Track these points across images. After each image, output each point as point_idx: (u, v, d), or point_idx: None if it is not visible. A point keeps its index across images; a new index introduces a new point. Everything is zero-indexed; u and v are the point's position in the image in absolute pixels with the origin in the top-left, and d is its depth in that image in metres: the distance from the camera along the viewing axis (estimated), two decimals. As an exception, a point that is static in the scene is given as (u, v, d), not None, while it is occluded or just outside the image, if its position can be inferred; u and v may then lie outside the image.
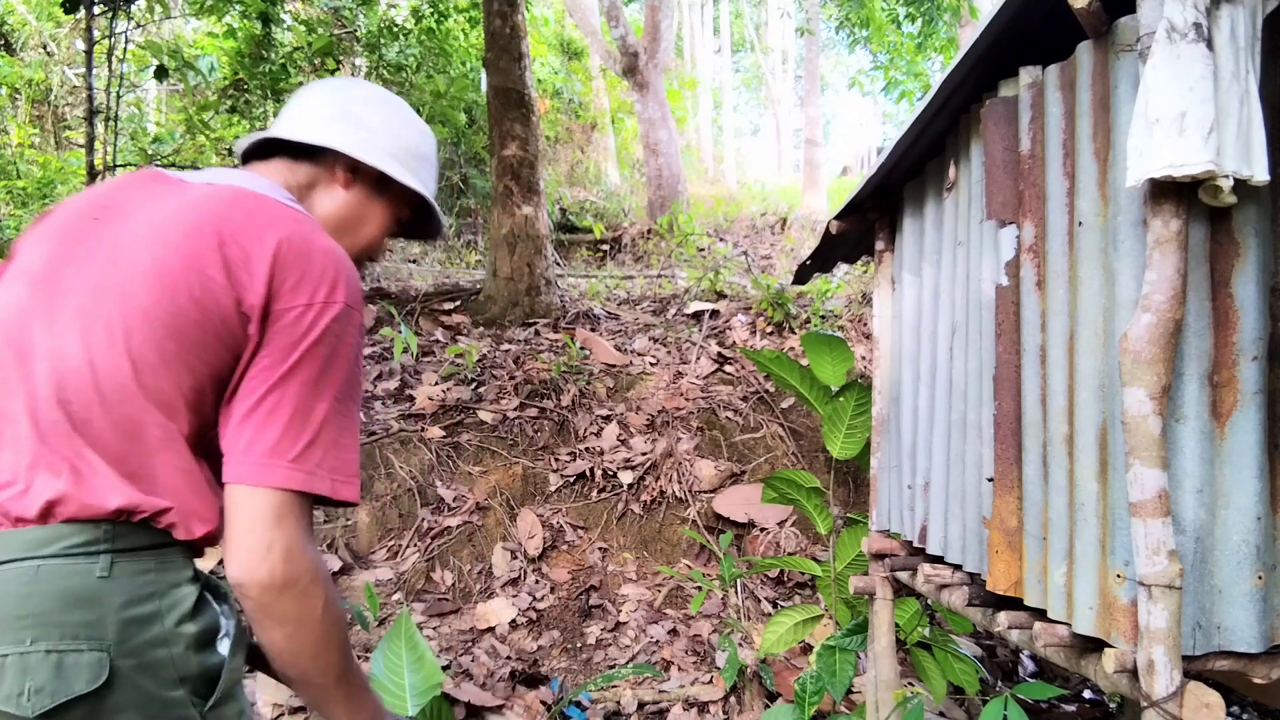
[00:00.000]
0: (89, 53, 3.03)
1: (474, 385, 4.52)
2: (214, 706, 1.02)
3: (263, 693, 2.71)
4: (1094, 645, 1.37)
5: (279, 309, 1.02)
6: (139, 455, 0.99)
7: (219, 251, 1.02)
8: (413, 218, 1.38)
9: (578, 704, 2.84)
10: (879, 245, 2.35)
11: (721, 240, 9.01)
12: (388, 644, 2.34)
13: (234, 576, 0.99)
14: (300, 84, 6.93)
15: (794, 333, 5.28)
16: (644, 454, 4.11)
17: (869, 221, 2.36)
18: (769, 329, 5.33)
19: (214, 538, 1.06)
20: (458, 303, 5.68)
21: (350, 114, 1.25)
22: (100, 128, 3.98)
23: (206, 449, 1.06)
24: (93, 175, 2.94)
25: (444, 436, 4.12)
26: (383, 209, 1.31)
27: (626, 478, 3.99)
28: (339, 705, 1.09)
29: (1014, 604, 1.60)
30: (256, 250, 1.02)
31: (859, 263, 3.87)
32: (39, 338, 1.00)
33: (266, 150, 1.26)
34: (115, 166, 3.43)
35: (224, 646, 1.05)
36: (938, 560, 1.94)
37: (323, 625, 1.04)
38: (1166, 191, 1.18)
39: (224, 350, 1.02)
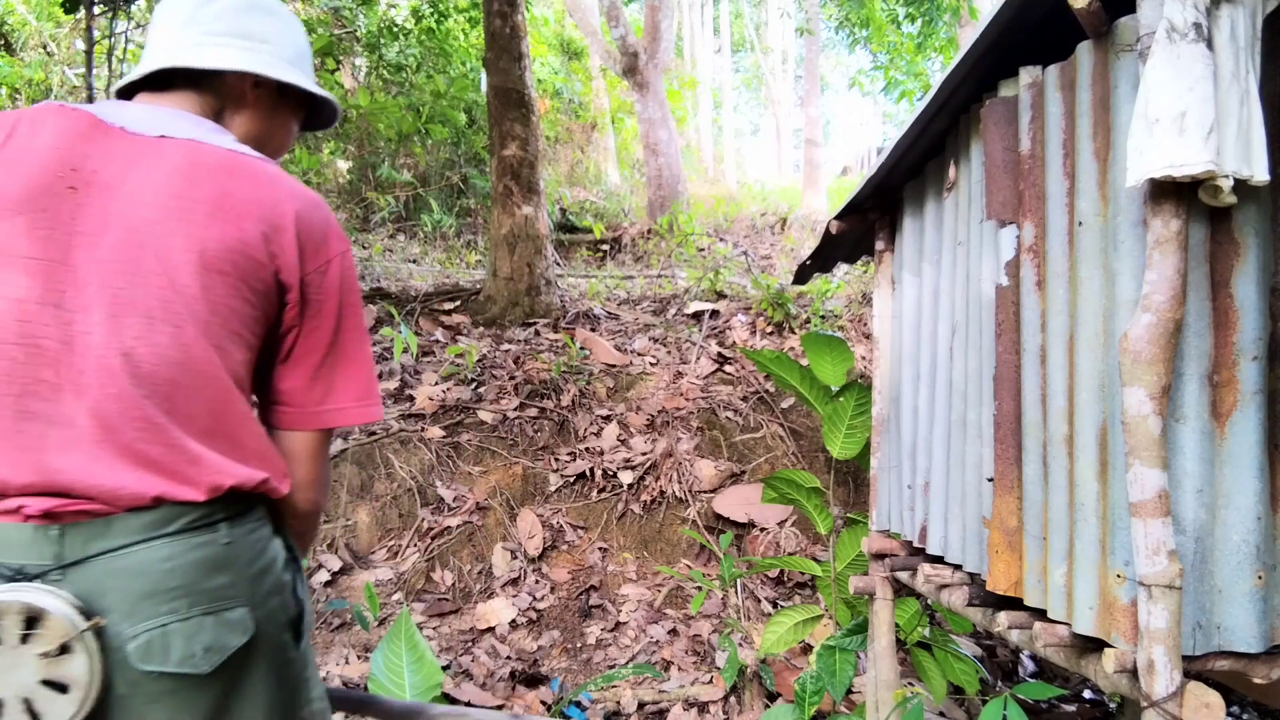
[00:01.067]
0: (89, 53, 3.03)
1: (474, 385, 4.52)
2: (303, 647, 1.16)
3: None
4: (1094, 645, 1.37)
5: (309, 273, 1.12)
6: (230, 431, 1.06)
7: (255, 230, 1.07)
8: (308, 113, 1.40)
9: (578, 704, 2.84)
10: (879, 245, 2.35)
11: (721, 240, 9.01)
12: (388, 644, 2.34)
13: (304, 508, 1.19)
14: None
15: (794, 333, 5.28)
16: (644, 454, 4.11)
17: (869, 221, 2.36)
18: (769, 329, 5.33)
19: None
20: (458, 303, 5.67)
21: (240, 29, 1.22)
22: (100, 128, 3.96)
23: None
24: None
25: (444, 436, 4.12)
26: (287, 115, 1.32)
27: (626, 478, 3.99)
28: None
29: (1014, 604, 1.60)
30: (283, 223, 1.09)
31: (859, 263, 3.87)
32: (80, 331, 0.99)
33: (157, 79, 1.21)
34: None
35: (301, 589, 1.18)
36: (938, 560, 1.94)
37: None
38: (1166, 191, 1.18)
39: (270, 320, 1.11)
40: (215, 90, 1.21)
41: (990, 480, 1.61)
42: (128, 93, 1.22)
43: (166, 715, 0.98)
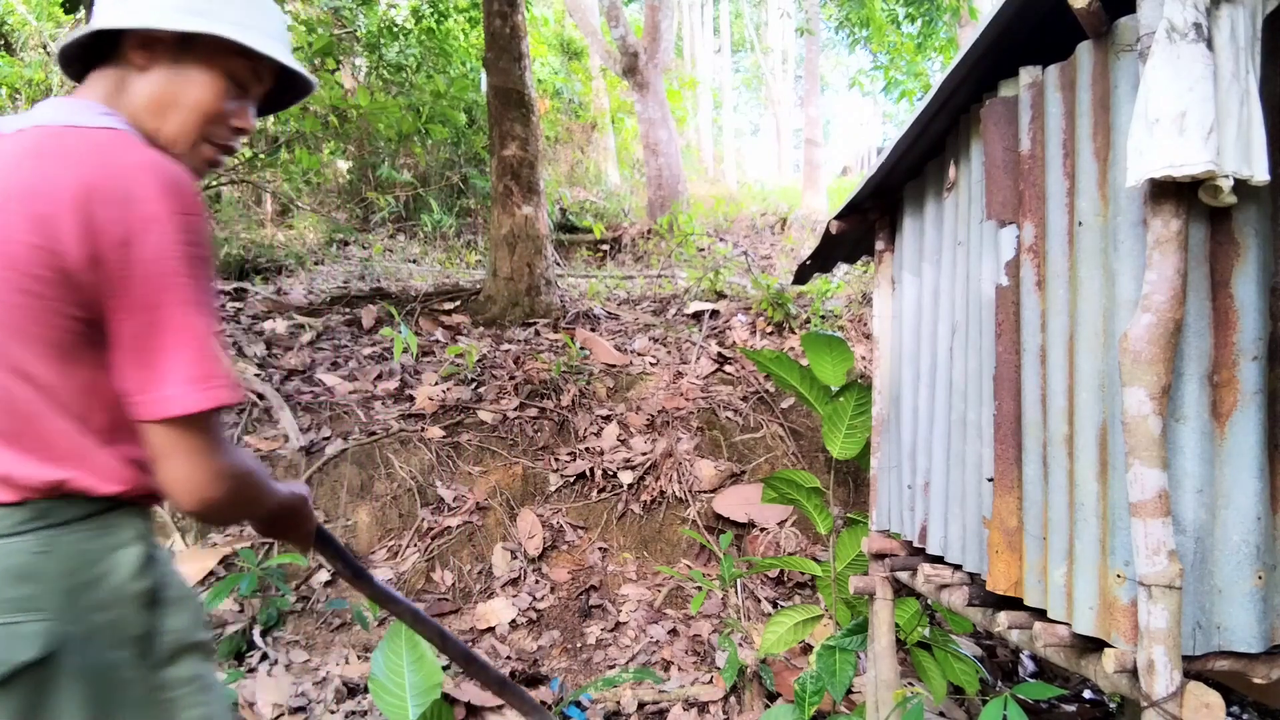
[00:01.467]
0: (89, 53, 3.04)
1: (474, 385, 4.52)
2: (160, 667, 1.06)
3: (263, 693, 2.71)
4: (1094, 645, 1.37)
5: (108, 249, 0.96)
6: (33, 432, 0.99)
7: (22, 214, 0.96)
8: (264, 78, 1.21)
9: (578, 704, 2.84)
10: (879, 245, 2.35)
11: (721, 240, 9.01)
12: (388, 644, 2.34)
13: (182, 509, 1.03)
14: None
15: (794, 333, 5.28)
16: (644, 454, 4.11)
17: (869, 221, 2.36)
18: (769, 329, 5.33)
19: (141, 490, 1.08)
20: (458, 303, 5.68)
21: None
22: (100, 128, 3.96)
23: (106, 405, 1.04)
24: (93, 175, 2.96)
25: (444, 436, 4.12)
26: (200, 74, 1.12)
27: (626, 478, 3.99)
28: (268, 515, 1.26)
29: (1014, 604, 1.60)
30: (59, 202, 0.95)
31: (859, 263, 3.87)
32: None
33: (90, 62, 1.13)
34: (115, 166, 3.45)
35: (167, 607, 1.09)
36: (938, 560, 1.94)
37: (263, 504, 1.17)
38: (1166, 191, 1.18)
39: (78, 308, 0.98)
40: (114, 65, 1.11)
41: (990, 480, 1.61)
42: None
43: None
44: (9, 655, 0.93)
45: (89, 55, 1.13)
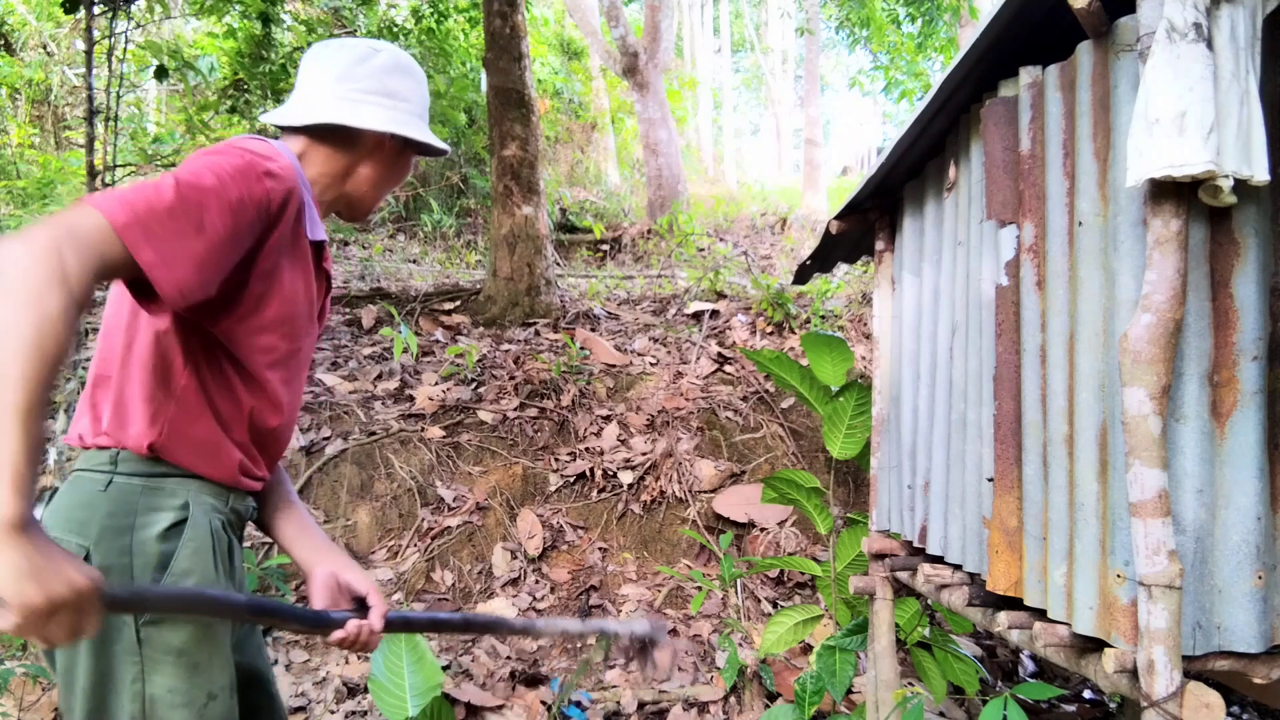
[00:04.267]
0: (89, 53, 3.03)
1: (474, 385, 4.52)
2: (147, 625, 1.17)
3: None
4: (1094, 645, 1.37)
5: None
6: (126, 396, 1.20)
7: None
8: (418, 145, 1.48)
9: (578, 704, 2.84)
10: (879, 245, 2.35)
11: (721, 240, 9.01)
12: (388, 644, 2.34)
13: None
14: (300, 84, 6.92)
15: (794, 333, 5.28)
16: (644, 454, 4.11)
17: (869, 221, 2.36)
18: (769, 329, 5.33)
19: (207, 470, 1.24)
20: (458, 303, 5.68)
21: (382, 87, 1.38)
22: (100, 128, 3.98)
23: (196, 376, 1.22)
24: (93, 175, 2.94)
25: (444, 436, 4.12)
26: (408, 156, 1.47)
27: (626, 478, 3.99)
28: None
29: (1014, 604, 1.60)
30: None
31: (859, 263, 3.87)
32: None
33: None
34: (115, 166, 3.43)
35: (172, 576, 1.19)
36: (938, 560, 1.94)
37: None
38: (1166, 191, 1.18)
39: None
40: (304, 135, 1.38)
41: (990, 480, 1.61)
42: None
43: None
44: None
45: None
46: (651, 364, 4.91)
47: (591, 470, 4.03)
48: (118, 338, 1.21)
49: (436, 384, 4.50)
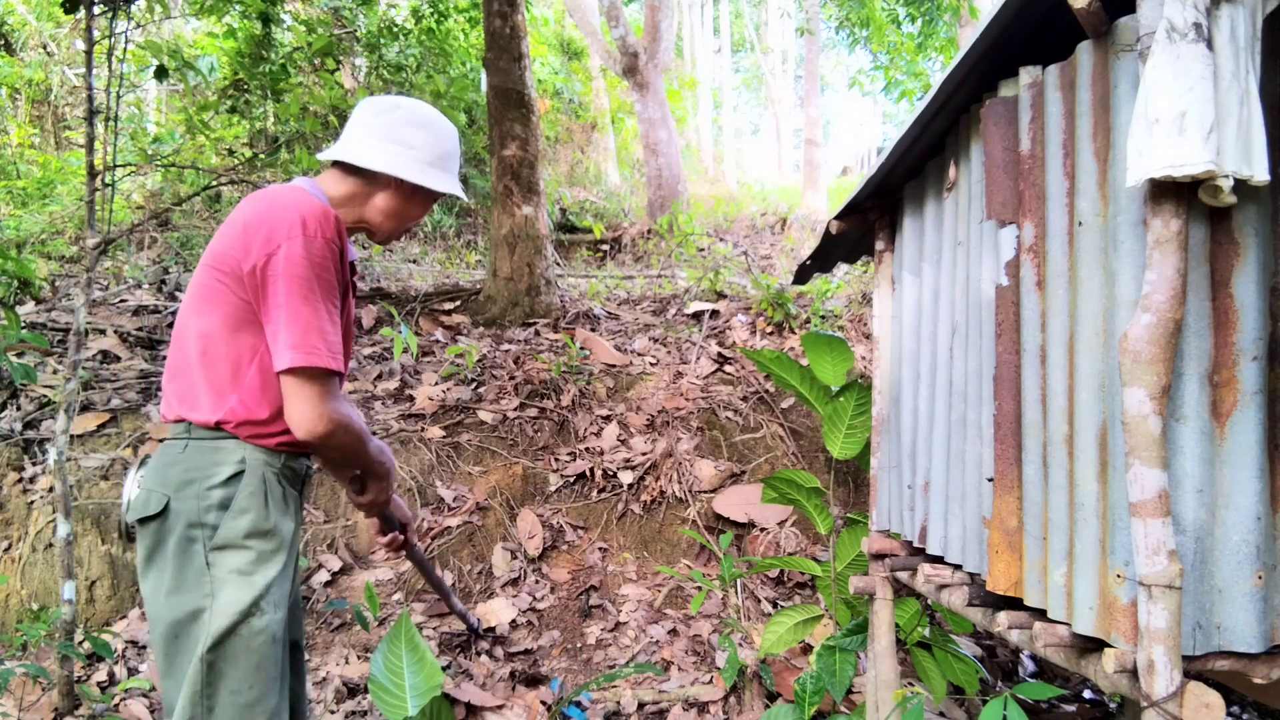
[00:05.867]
0: (89, 53, 3.02)
1: (474, 385, 4.52)
2: (215, 550, 1.55)
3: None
4: (1094, 645, 1.37)
5: (256, 262, 1.53)
6: (196, 379, 1.60)
7: (229, 234, 1.59)
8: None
9: (578, 704, 2.84)
10: (879, 245, 2.35)
11: (721, 240, 9.01)
12: (388, 644, 2.34)
13: (302, 438, 1.55)
14: (300, 84, 6.93)
15: (794, 333, 5.28)
16: (644, 454, 4.11)
17: (869, 221, 2.36)
18: (769, 329, 5.33)
19: (258, 433, 1.61)
20: (458, 303, 5.68)
21: (393, 136, 1.71)
22: (100, 128, 3.97)
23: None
24: (93, 175, 2.94)
25: (444, 436, 4.12)
26: (424, 197, 1.80)
27: (626, 478, 3.99)
28: (366, 465, 1.82)
29: (1014, 604, 1.60)
30: (236, 229, 1.58)
31: (859, 263, 3.87)
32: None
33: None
34: (115, 166, 3.43)
35: (233, 513, 1.57)
36: (938, 560, 1.94)
37: (358, 451, 1.71)
38: (1166, 191, 1.18)
39: (243, 298, 1.56)
40: (359, 178, 1.74)
41: (990, 480, 1.61)
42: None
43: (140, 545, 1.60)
44: (145, 508, 1.56)
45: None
46: (651, 364, 4.91)
47: (591, 470, 4.03)
48: (190, 344, 1.60)
49: (436, 384, 4.50)
